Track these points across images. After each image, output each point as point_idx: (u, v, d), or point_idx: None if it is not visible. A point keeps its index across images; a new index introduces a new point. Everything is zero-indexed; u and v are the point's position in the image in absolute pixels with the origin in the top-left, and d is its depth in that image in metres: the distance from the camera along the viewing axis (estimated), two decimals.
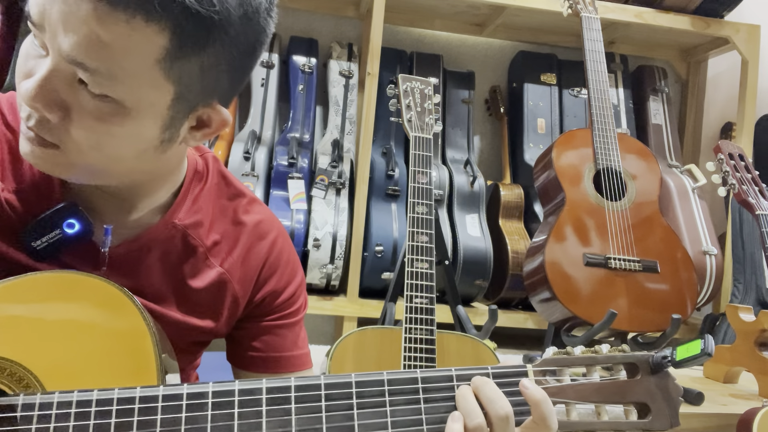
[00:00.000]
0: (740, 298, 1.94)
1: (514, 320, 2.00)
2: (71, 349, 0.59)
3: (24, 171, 0.67)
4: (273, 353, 0.83)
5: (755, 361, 1.36)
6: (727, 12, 2.19)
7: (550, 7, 2.02)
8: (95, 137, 0.58)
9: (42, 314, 0.59)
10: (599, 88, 1.51)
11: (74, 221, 0.66)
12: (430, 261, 1.07)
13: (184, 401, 0.56)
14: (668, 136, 2.30)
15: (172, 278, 0.74)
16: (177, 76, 0.58)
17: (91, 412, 0.54)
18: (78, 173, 0.63)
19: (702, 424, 1.21)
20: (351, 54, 2.16)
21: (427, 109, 1.24)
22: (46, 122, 0.57)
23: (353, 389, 0.59)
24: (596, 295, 1.30)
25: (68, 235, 0.66)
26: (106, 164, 0.62)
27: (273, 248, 0.81)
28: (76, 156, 0.59)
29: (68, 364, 0.58)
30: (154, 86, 0.57)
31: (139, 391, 0.56)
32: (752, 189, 1.42)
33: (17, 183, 0.67)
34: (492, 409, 0.58)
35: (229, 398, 0.57)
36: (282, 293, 0.83)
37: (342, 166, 1.97)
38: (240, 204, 0.81)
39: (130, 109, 0.57)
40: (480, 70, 2.40)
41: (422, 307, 1.02)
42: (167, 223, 0.73)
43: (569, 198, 1.39)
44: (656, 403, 0.62)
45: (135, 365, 0.60)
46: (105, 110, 0.57)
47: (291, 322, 0.84)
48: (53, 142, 0.58)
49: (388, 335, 1.01)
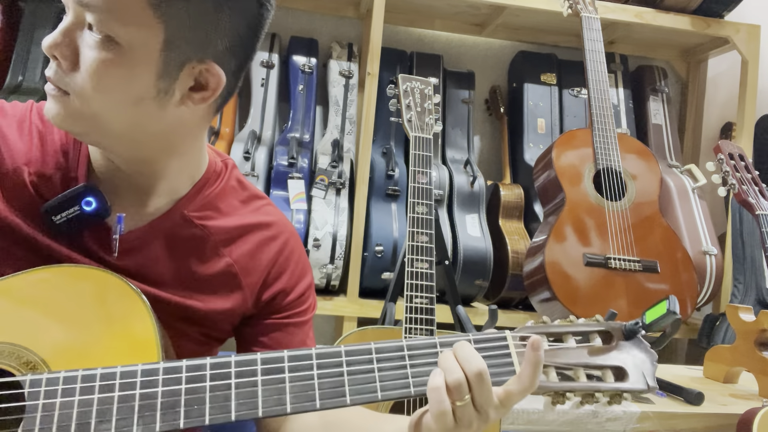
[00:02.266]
0: (740, 298, 1.94)
1: (514, 320, 2.00)
2: (77, 335, 0.62)
3: (50, 157, 0.73)
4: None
5: (755, 361, 1.36)
6: (727, 12, 2.19)
7: (550, 7, 2.02)
8: (97, 78, 0.64)
9: (50, 303, 0.63)
10: (599, 88, 1.51)
11: (92, 199, 0.71)
12: (430, 261, 1.07)
13: (184, 373, 0.59)
14: (668, 136, 2.30)
15: (180, 265, 0.77)
16: (166, 17, 0.64)
17: (95, 387, 0.57)
18: (86, 125, 0.67)
19: (702, 424, 1.21)
20: (351, 54, 2.16)
21: (427, 109, 1.24)
22: (60, 70, 0.65)
23: (343, 357, 0.62)
24: (596, 295, 1.30)
25: (85, 212, 0.71)
26: (109, 111, 0.66)
27: (284, 248, 0.84)
28: (82, 102, 0.65)
29: (74, 348, 0.61)
30: (146, 24, 0.64)
31: (140, 366, 0.59)
32: (752, 189, 1.42)
33: (43, 167, 0.73)
34: (467, 366, 0.61)
35: (226, 369, 0.60)
36: (291, 292, 0.85)
37: (342, 166, 1.97)
38: (254, 205, 0.84)
39: (126, 49, 0.64)
40: (480, 70, 2.40)
41: (422, 307, 1.02)
42: (176, 213, 0.77)
43: (569, 198, 1.39)
44: (632, 368, 0.64)
45: (137, 350, 0.63)
46: (105, 52, 0.63)
47: (300, 321, 0.86)
48: (65, 89, 0.65)
49: (388, 335, 1.01)
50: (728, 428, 1.19)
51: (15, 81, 1.89)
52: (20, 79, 1.90)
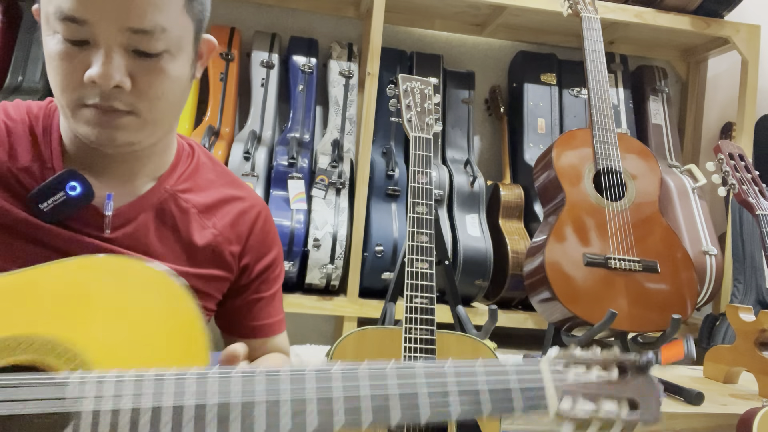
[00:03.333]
0: (740, 298, 1.94)
1: (514, 320, 2.00)
2: (122, 331, 0.59)
3: (23, 149, 0.76)
4: (257, 321, 0.91)
5: (755, 361, 1.36)
6: (727, 12, 2.19)
7: (550, 7, 2.02)
8: (160, 87, 0.70)
9: (94, 295, 0.61)
10: (599, 88, 1.51)
11: (76, 184, 0.73)
12: (430, 261, 1.07)
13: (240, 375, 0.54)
14: (668, 136, 2.30)
15: (170, 237, 0.81)
16: (191, 12, 0.72)
17: (149, 395, 0.52)
18: (148, 131, 0.73)
19: (702, 424, 1.21)
20: (351, 54, 2.16)
21: (427, 109, 1.24)
22: (117, 93, 0.68)
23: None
24: (596, 295, 1.30)
25: (71, 197, 0.73)
26: (166, 111, 0.73)
27: (258, 218, 0.90)
28: (148, 112, 0.71)
29: (119, 345, 0.58)
30: (185, 26, 0.72)
31: (193, 371, 0.54)
32: (752, 189, 1.42)
33: (21, 160, 0.75)
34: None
35: (301, 374, 0.55)
36: (264, 259, 0.90)
37: (342, 166, 1.97)
38: (227, 179, 0.90)
39: (175, 54, 0.71)
40: (480, 70, 2.40)
41: (422, 307, 1.02)
42: (159, 189, 0.81)
43: (569, 198, 1.39)
44: (644, 400, 0.67)
45: (186, 349, 0.61)
46: (160, 62, 0.69)
47: (274, 290, 0.93)
48: (126, 109, 0.69)
49: (388, 335, 1.01)
50: (728, 428, 1.19)
51: (15, 81, 1.89)
52: (20, 79, 1.90)
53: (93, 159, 0.77)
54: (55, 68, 0.68)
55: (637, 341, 1.40)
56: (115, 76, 0.66)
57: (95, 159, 0.77)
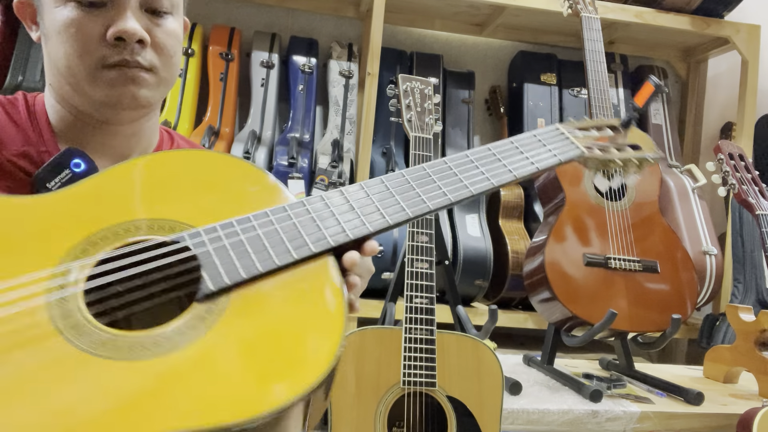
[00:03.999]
0: (740, 298, 1.94)
1: (514, 320, 2.00)
2: (210, 201, 0.62)
3: (12, 138, 0.75)
4: None
5: (755, 361, 1.36)
6: (727, 12, 2.19)
7: (550, 7, 2.02)
8: (171, 45, 0.75)
9: (173, 178, 0.63)
10: (599, 88, 1.51)
11: (80, 161, 0.74)
12: (430, 261, 1.07)
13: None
14: (668, 136, 2.30)
15: None
16: None
17: (238, 230, 0.58)
18: (162, 90, 0.77)
19: (702, 424, 1.21)
20: (351, 54, 2.16)
21: (427, 109, 1.24)
22: (139, 49, 0.71)
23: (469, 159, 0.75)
24: (596, 295, 1.30)
25: (77, 173, 0.73)
26: (174, 71, 0.77)
27: None
28: (164, 69, 0.75)
29: (210, 210, 0.61)
30: None
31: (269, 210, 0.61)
32: (752, 189, 1.42)
33: (15, 147, 0.75)
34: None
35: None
36: None
37: (342, 166, 1.97)
38: None
39: (176, 16, 0.76)
40: (480, 70, 2.40)
41: (422, 307, 1.02)
42: None
43: (569, 198, 1.39)
44: (642, 143, 0.86)
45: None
46: (167, 21, 0.75)
47: None
48: (147, 65, 0.73)
49: (388, 335, 1.01)
50: (728, 428, 1.19)
51: (15, 81, 1.89)
52: (20, 79, 1.90)
53: (87, 138, 0.78)
54: (71, 35, 0.70)
55: (637, 341, 1.40)
56: (139, 31, 0.70)
57: (90, 137, 0.78)
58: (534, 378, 1.34)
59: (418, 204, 0.66)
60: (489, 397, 1.00)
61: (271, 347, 0.51)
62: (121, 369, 0.47)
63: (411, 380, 0.97)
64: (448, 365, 1.00)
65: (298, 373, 0.49)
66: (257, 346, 0.51)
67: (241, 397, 0.46)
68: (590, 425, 1.16)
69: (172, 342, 0.50)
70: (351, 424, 0.96)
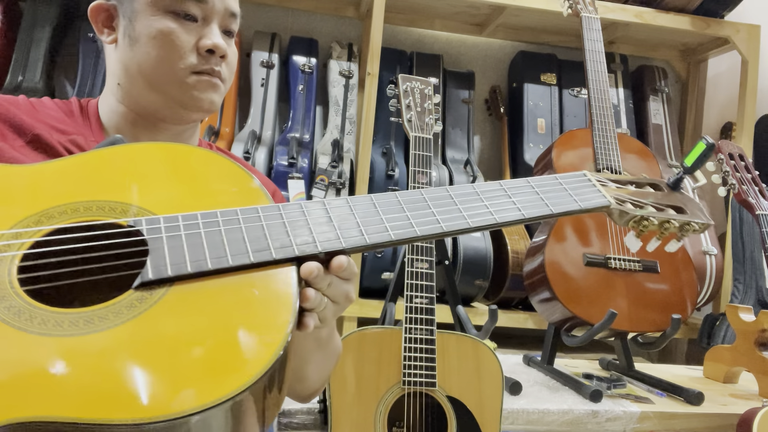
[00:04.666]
0: (740, 298, 1.94)
1: (514, 320, 2.00)
2: (179, 191, 0.61)
3: (66, 124, 0.81)
4: None
5: (755, 361, 1.36)
6: (727, 12, 2.19)
7: (550, 7, 2.02)
8: (235, 62, 0.85)
9: (147, 167, 0.63)
10: (599, 88, 1.51)
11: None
12: (430, 261, 1.07)
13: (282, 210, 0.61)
14: (668, 136, 2.30)
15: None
16: None
17: (199, 223, 0.58)
18: (222, 99, 0.85)
19: (702, 424, 1.21)
20: (351, 54, 2.16)
21: (427, 109, 1.24)
22: (220, 61, 0.81)
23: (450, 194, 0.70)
24: (596, 295, 1.30)
25: None
26: (230, 84, 0.86)
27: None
28: (228, 81, 0.84)
29: (176, 201, 0.61)
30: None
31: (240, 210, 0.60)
32: (752, 189, 1.42)
33: (70, 131, 0.80)
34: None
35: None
36: None
37: (342, 166, 1.97)
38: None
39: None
40: (480, 70, 2.40)
41: (422, 307, 1.02)
42: None
43: None
44: (688, 207, 0.75)
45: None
46: (232, 42, 0.85)
47: None
48: (223, 76, 0.82)
49: (388, 335, 1.01)
50: (728, 428, 1.19)
51: (15, 81, 1.89)
52: (20, 79, 1.90)
53: (136, 133, 0.83)
54: (168, 42, 0.78)
55: (637, 341, 1.40)
56: (224, 46, 0.80)
57: (139, 134, 0.83)
58: (534, 378, 1.34)
59: (404, 227, 0.62)
60: (489, 397, 1.00)
61: (190, 350, 0.47)
62: (21, 340, 0.45)
63: (411, 380, 0.97)
64: (448, 365, 1.00)
65: (210, 384, 0.45)
66: (175, 346, 0.47)
67: (131, 397, 0.43)
68: (590, 425, 1.16)
69: (90, 325, 0.47)
70: (351, 424, 0.96)
